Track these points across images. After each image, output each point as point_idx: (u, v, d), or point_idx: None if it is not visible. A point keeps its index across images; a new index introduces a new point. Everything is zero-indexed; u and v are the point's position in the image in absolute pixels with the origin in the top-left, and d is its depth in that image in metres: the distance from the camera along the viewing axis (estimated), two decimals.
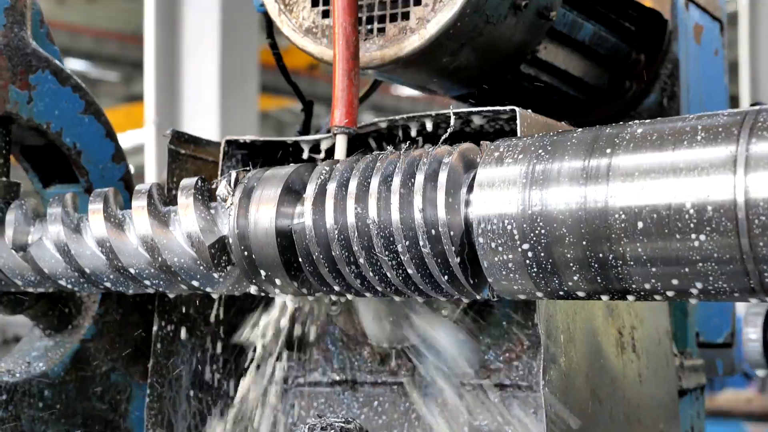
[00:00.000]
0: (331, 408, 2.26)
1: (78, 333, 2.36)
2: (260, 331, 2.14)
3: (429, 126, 2.00)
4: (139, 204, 1.95)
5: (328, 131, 2.73)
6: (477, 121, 1.95)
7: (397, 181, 1.70)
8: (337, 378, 2.26)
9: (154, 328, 2.20)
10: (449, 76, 2.22)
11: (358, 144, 2.13)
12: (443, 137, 1.83)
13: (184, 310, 2.25)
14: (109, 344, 2.38)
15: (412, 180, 1.69)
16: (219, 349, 2.30)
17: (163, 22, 10.00)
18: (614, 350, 2.09)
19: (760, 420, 8.04)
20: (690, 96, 2.64)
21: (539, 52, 2.30)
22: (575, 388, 1.93)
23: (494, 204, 1.59)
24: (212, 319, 2.26)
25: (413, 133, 2.04)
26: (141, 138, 11.07)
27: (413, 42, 2.05)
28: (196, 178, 1.94)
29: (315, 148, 2.21)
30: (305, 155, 2.20)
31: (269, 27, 2.44)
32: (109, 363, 2.37)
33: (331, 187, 1.76)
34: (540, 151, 1.60)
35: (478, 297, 1.72)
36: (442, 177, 1.66)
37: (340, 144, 1.97)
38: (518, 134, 1.85)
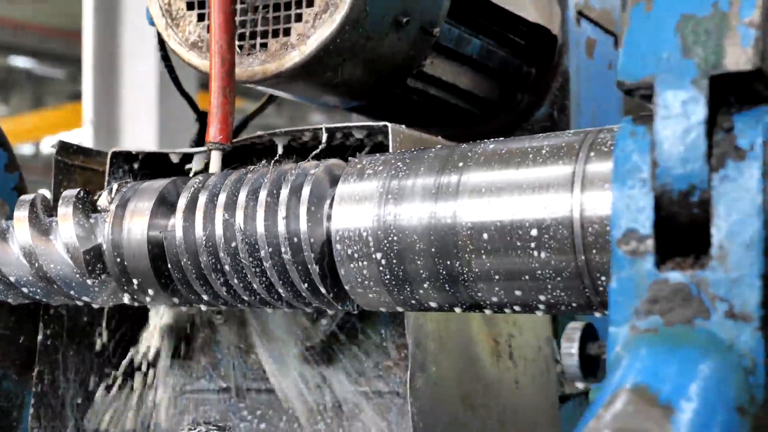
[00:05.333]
0: (219, 415, 2.29)
1: None
2: (144, 343, 2.19)
3: (306, 138, 2.04)
4: (21, 214, 1.99)
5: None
6: (357, 135, 2.00)
7: (264, 192, 1.74)
8: (224, 385, 2.30)
9: (39, 337, 2.23)
10: (335, 90, 2.27)
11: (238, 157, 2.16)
12: (314, 152, 1.89)
13: (71, 320, 2.28)
14: (0, 352, 2.40)
15: (278, 192, 1.74)
16: (106, 360, 2.33)
17: (102, 19, 9.92)
18: (490, 358, 2.14)
19: None
20: (581, 108, 2.71)
21: (425, 67, 2.35)
22: (445, 395, 1.99)
23: (352, 213, 1.65)
24: (100, 332, 2.29)
25: (279, 150, 2.07)
26: (81, 137, 10.98)
27: (293, 57, 2.09)
28: (78, 189, 1.97)
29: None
30: (174, 160, 2.21)
31: (161, 40, 2.46)
32: (0, 370, 2.39)
33: (202, 198, 1.81)
34: (399, 164, 1.65)
35: (339, 308, 1.77)
36: (306, 189, 1.71)
37: (215, 160, 2.00)
38: (390, 149, 1.90)
